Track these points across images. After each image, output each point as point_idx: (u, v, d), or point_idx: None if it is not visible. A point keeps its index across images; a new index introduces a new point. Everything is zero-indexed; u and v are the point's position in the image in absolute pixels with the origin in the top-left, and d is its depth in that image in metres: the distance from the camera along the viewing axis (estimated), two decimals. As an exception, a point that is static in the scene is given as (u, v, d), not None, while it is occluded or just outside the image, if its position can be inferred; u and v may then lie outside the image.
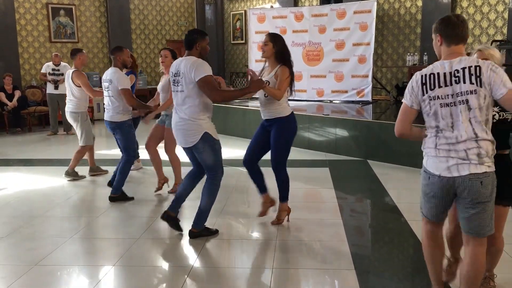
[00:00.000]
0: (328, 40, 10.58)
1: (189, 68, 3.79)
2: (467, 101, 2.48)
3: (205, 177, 4.19)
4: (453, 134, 2.54)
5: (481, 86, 2.45)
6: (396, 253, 4.02)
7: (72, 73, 6.08)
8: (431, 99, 2.57)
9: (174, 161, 5.47)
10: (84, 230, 4.46)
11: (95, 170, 6.49)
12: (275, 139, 4.24)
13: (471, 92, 2.47)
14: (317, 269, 3.58)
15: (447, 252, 3.26)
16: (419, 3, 10.09)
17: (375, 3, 9.97)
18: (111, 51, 5.39)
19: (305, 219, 4.63)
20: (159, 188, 5.60)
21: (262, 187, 4.49)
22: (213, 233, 4.22)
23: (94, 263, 3.81)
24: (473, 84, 2.46)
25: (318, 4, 11.67)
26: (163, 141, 5.47)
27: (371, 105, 9.76)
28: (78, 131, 6.22)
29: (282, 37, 4.26)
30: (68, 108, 6.21)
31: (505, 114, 2.81)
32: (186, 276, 3.48)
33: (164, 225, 4.59)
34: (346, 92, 10.48)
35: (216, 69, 13.11)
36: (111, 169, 6.77)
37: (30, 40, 11.51)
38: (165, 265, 3.82)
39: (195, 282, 3.48)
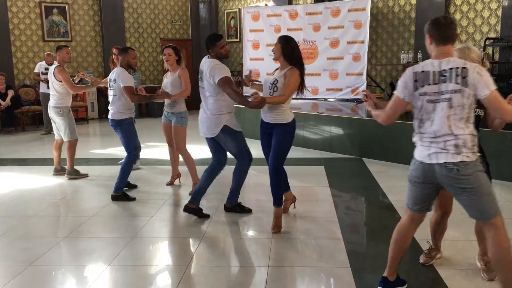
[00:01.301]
0: (323, 38, 10.60)
1: (209, 72, 4.25)
2: (450, 99, 2.66)
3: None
4: (431, 128, 2.73)
5: (466, 86, 2.62)
6: (391, 250, 4.03)
7: (55, 68, 6.14)
8: (420, 95, 2.75)
9: (188, 160, 5.45)
10: (79, 229, 4.44)
11: (59, 170, 6.41)
12: (277, 145, 4.23)
13: (456, 91, 2.65)
14: (312, 267, 3.58)
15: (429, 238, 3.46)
16: (413, 1, 10.10)
17: (369, 1, 9.98)
18: (119, 51, 5.54)
19: (300, 217, 4.64)
20: (171, 183, 5.85)
21: (285, 186, 4.60)
22: (246, 211, 4.70)
23: (89, 262, 3.79)
24: (458, 84, 2.64)
25: (312, 2, 11.67)
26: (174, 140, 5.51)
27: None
28: (61, 127, 6.18)
29: (293, 40, 4.23)
30: (51, 103, 6.22)
31: (479, 111, 3.06)
32: (181, 275, 3.48)
33: (159, 225, 4.59)
34: (341, 90, 10.50)
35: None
36: (107, 169, 6.76)
37: (23, 39, 11.44)
38: (160, 264, 3.81)
39: (191, 281, 3.48)
